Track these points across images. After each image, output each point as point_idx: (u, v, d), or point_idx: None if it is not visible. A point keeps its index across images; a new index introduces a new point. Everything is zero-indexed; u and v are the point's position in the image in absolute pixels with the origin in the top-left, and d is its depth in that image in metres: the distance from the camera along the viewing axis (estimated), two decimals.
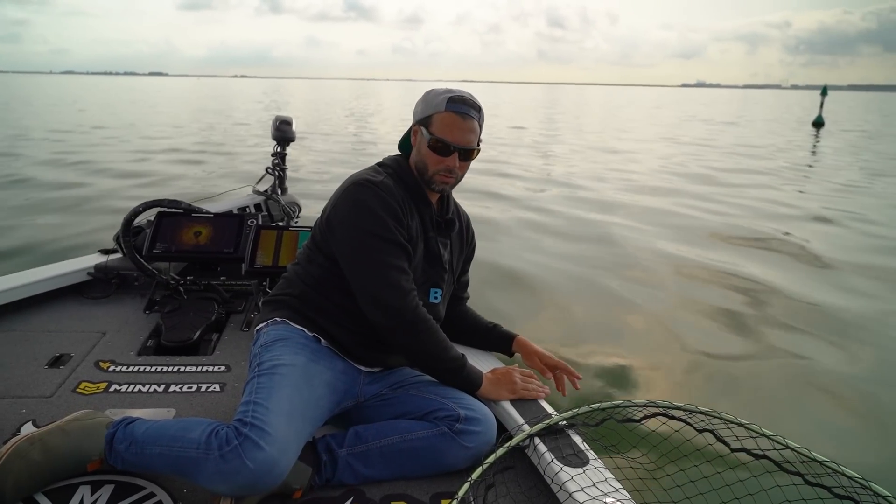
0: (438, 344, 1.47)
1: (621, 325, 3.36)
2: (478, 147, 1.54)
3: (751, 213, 6.42)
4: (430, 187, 1.54)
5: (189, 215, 2.55)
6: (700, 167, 10.19)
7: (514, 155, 11.57)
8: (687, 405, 1.41)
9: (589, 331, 3.28)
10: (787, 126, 22.11)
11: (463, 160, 1.51)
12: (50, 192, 6.63)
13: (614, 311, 3.55)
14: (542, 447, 1.36)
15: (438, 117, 1.49)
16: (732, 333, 3.24)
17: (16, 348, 1.99)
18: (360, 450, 1.41)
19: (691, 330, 3.26)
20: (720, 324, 3.36)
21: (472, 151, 1.52)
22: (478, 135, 1.53)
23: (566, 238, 5.24)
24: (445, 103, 1.48)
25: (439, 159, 1.49)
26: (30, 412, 1.64)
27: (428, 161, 1.51)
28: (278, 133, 3.16)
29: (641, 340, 3.16)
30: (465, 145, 1.49)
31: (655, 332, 3.26)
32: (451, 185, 1.55)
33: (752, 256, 4.74)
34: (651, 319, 3.41)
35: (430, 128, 1.49)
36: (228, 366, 1.95)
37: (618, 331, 3.28)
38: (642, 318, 3.44)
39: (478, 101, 1.53)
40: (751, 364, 2.89)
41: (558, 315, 3.52)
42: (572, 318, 3.46)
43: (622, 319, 3.43)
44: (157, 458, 1.27)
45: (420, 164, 1.53)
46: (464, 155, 1.51)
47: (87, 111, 22.03)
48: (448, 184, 1.54)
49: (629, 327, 3.33)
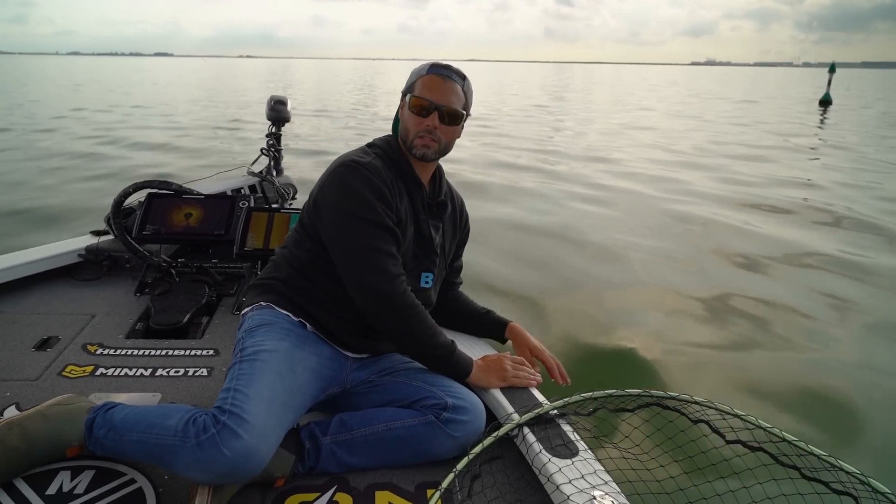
0: (427, 330, 1.42)
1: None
2: (463, 112, 1.48)
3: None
4: (411, 152, 1.49)
5: (180, 196, 2.50)
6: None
7: (555, 132, 11.81)
8: (682, 395, 1.37)
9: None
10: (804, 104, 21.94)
11: (446, 123, 1.46)
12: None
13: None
14: (530, 437, 1.32)
15: (420, 81, 1.47)
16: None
17: (3, 331, 1.96)
18: (344, 438, 1.38)
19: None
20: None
21: (455, 115, 1.46)
22: (461, 100, 1.48)
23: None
24: (427, 68, 1.48)
25: (419, 120, 1.45)
26: (14, 395, 1.61)
27: (409, 125, 1.47)
28: (273, 113, 3.11)
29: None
30: (445, 104, 1.44)
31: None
32: (434, 150, 1.48)
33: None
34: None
35: (412, 92, 1.47)
36: (217, 350, 1.92)
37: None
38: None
39: (462, 72, 1.50)
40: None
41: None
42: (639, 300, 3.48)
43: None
44: (134, 445, 1.24)
45: (403, 131, 1.50)
46: (446, 118, 1.45)
47: (116, 91, 22.61)
48: (430, 148, 1.47)
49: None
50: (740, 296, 3.51)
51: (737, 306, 3.37)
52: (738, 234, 4.84)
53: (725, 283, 3.72)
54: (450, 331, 1.78)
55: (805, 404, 2.42)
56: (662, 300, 3.48)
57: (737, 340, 2.97)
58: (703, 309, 3.34)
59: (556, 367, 1.61)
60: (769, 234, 4.83)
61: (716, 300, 3.45)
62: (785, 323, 3.17)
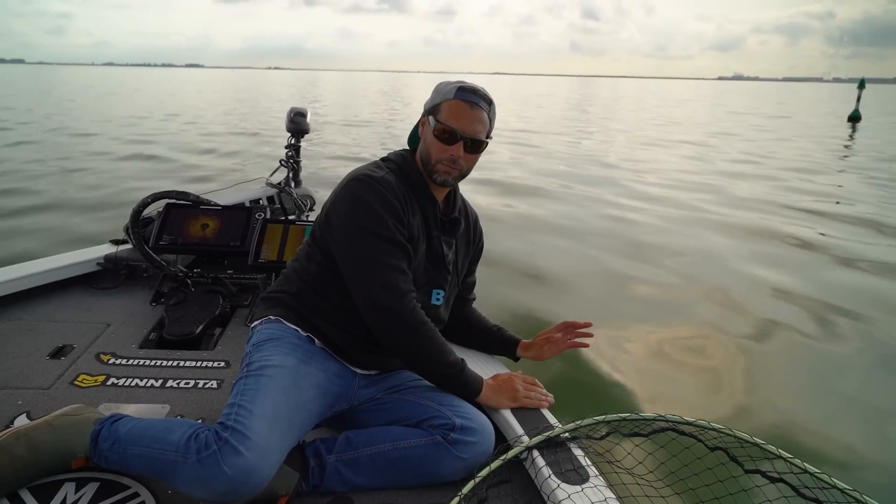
0: (436, 348, 1.39)
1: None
2: (486, 140, 1.46)
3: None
4: (431, 177, 1.47)
5: (197, 207, 2.52)
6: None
7: (610, 145, 11.85)
8: (699, 420, 1.32)
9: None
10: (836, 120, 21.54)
11: (469, 152, 1.44)
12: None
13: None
14: (540, 461, 1.28)
15: (446, 105, 1.42)
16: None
17: (19, 338, 1.98)
18: (349, 456, 1.35)
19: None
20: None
21: (479, 143, 1.44)
22: (486, 127, 1.45)
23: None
24: (455, 91, 1.42)
25: (444, 148, 1.42)
26: (26, 404, 1.62)
27: (432, 150, 1.44)
28: (292, 125, 3.12)
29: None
30: (471, 134, 1.42)
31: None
32: (455, 177, 1.46)
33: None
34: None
35: (438, 115, 1.43)
36: (228, 362, 1.91)
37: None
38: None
39: (489, 95, 1.46)
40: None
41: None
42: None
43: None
44: (137, 459, 1.23)
45: (424, 153, 1.47)
46: (470, 147, 1.43)
47: (167, 101, 23.58)
48: (451, 175, 1.45)
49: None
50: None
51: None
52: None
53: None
54: (462, 348, 1.76)
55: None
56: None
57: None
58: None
59: (573, 325, 1.63)
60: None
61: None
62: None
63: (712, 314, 3.44)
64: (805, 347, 3.05)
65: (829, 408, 2.52)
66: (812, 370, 2.86)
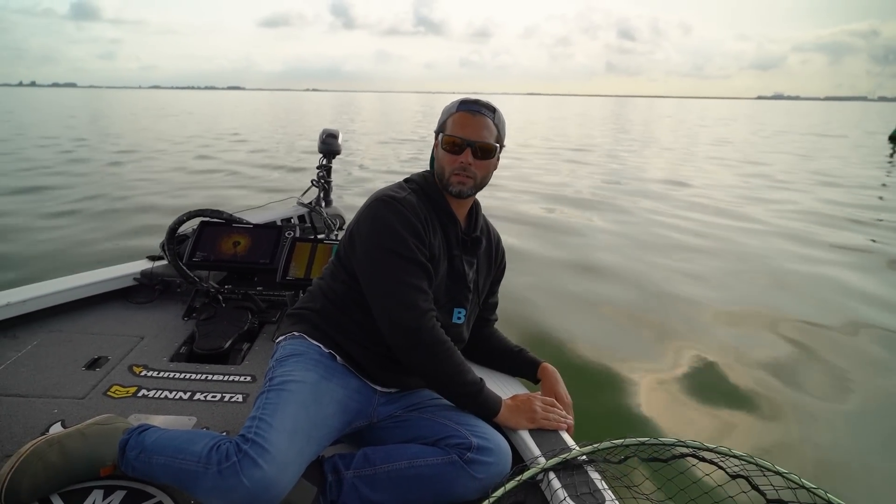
0: (455, 367, 1.41)
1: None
2: (496, 146, 1.50)
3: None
4: (447, 191, 1.50)
5: (230, 225, 2.60)
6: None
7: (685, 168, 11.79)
8: (720, 447, 1.29)
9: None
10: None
11: (479, 158, 1.47)
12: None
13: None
14: (556, 483, 1.27)
15: (451, 119, 1.49)
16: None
17: (59, 349, 2.06)
18: (367, 473, 1.36)
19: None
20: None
21: (488, 149, 1.48)
22: (494, 133, 1.49)
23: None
24: (457, 106, 1.50)
25: (453, 158, 1.47)
26: (61, 412, 1.69)
27: (444, 163, 1.49)
28: (324, 146, 3.20)
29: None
30: (476, 139, 1.46)
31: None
32: (470, 186, 1.49)
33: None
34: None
35: (444, 131, 1.49)
36: (254, 376, 1.95)
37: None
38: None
39: (492, 105, 1.51)
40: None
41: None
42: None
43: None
44: (161, 469, 1.27)
45: (438, 169, 1.51)
46: (479, 153, 1.47)
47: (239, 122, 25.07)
48: (466, 185, 1.48)
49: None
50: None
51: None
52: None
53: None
54: (482, 368, 1.77)
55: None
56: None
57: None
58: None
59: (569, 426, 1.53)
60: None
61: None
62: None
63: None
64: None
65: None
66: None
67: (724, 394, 2.73)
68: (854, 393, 2.77)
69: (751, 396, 2.70)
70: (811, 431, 2.46)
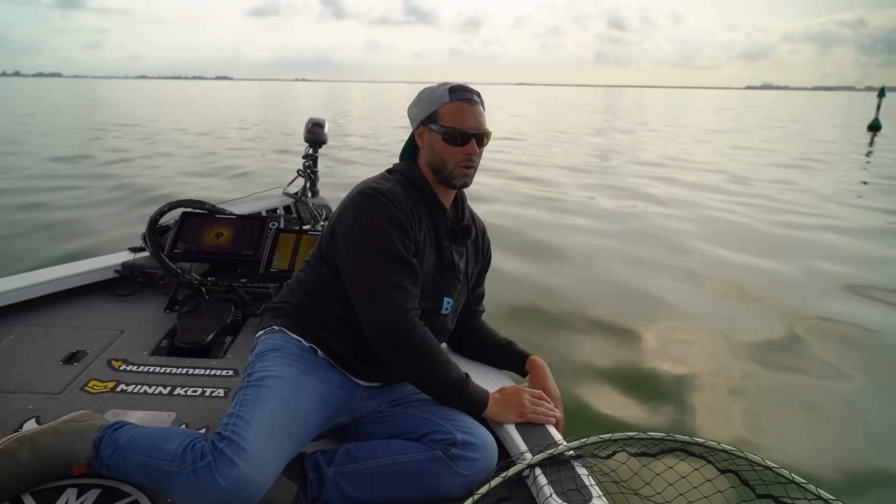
0: (439, 366, 1.37)
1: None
2: (490, 131, 1.49)
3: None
4: (451, 184, 1.47)
5: (213, 216, 2.54)
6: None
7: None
8: (709, 441, 1.27)
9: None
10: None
11: (480, 146, 1.47)
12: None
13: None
14: (542, 479, 1.24)
15: (445, 109, 1.44)
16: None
17: (36, 343, 2.01)
18: (349, 469, 1.33)
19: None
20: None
21: (488, 136, 1.48)
22: (485, 119, 1.48)
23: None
24: (448, 94, 1.44)
25: (458, 150, 1.43)
26: (36, 408, 1.64)
27: (446, 156, 1.44)
28: (310, 135, 3.15)
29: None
30: (479, 130, 1.44)
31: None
32: (472, 176, 1.49)
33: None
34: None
35: (440, 122, 1.44)
36: (236, 370, 1.91)
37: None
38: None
39: (474, 88, 1.50)
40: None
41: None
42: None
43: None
44: (135, 468, 1.23)
45: (437, 162, 1.46)
46: (480, 141, 1.46)
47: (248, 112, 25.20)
48: (469, 176, 1.47)
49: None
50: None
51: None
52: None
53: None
54: (469, 360, 1.74)
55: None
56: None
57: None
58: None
59: (559, 420, 1.51)
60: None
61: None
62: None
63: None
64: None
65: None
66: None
67: (707, 383, 2.72)
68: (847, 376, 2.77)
69: (739, 385, 2.69)
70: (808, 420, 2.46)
